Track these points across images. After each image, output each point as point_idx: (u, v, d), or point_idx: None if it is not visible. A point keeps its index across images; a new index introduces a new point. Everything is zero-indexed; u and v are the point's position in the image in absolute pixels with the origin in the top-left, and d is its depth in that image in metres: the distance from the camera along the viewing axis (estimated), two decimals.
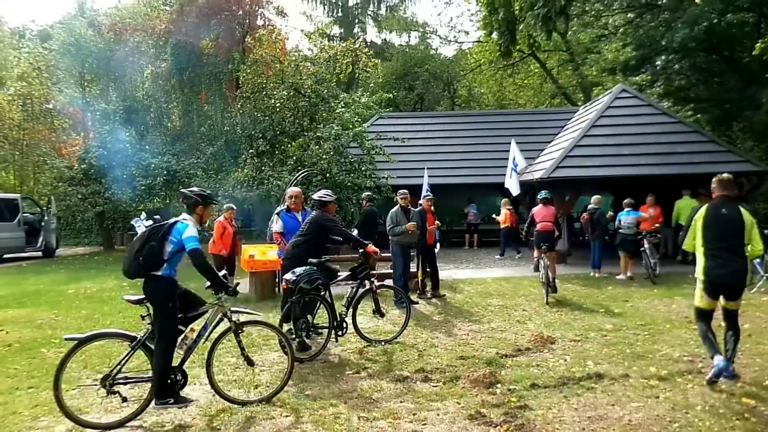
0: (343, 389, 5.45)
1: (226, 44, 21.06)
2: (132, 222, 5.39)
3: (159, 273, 4.77)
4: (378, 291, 7.30)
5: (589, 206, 12.89)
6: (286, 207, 8.19)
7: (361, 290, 7.31)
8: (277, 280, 10.72)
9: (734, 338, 5.36)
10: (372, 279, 7.27)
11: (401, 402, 5.09)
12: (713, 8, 19.61)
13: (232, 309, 5.17)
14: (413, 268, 10.65)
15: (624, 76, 25.81)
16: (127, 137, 21.66)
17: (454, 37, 52.72)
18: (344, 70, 22.88)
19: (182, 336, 4.92)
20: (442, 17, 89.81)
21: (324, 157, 17.37)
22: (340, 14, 40.02)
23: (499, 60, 28.76)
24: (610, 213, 13.30)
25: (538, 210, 10.76)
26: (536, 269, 10.88)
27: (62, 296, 11.40)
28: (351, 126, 18.80)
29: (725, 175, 5.67)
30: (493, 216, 17.49)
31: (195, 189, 5.18)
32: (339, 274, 7.20)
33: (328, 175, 16.81)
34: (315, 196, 7.32)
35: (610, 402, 4.96)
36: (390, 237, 9.78)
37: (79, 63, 22.31)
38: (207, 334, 5.10)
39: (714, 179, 5.65)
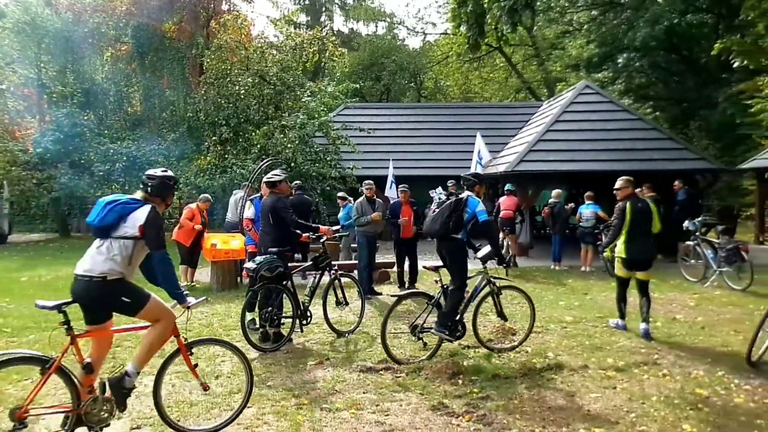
0: (305, 380, 5.42)
1: (189, 28, 20.61)
2: (432, 192, 6.23)
3: (458, 236, 5.97)
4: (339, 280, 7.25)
5: (550, 200, 13.09)
6: (260, 195, 8.01)
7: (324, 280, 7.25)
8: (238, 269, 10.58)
9: (647, 304, 7.00)
10: (334, 268, 7.23)
11: (364, 393, 5.09)
12: (674, 8, 20.11)
13: (493, 276, 6.30)
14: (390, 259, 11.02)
15: (587, 73, 26.31)
16: (85, 121, 21.00)
17: (422, 28, 52.84)
18: (311, 58, 22.63)
19: None
20: (410, 8, 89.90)
21: (289, 146, 17.21)
22: (306, 2, 39.64)
23: (467, 53, 28.96)
24: (571, 204, 13.49)
25: (503, 200, 12.76)
26: (501, 247, 11.84)
27: (15, 284, 11.02)
28: (316, 115, 18.68)
29: (628, 177, 7.27)
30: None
31: (470, 172, 6.49)
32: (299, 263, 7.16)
33: (293, 164, 16.65)
34: (264, 178, 7.06)
35: (569, 392, 5.06)
36: (356, 228, 9.77)
37: (34, 43, 21.44)
38: (476, 294, 6.25)
39: (623, 180, 7.16)
